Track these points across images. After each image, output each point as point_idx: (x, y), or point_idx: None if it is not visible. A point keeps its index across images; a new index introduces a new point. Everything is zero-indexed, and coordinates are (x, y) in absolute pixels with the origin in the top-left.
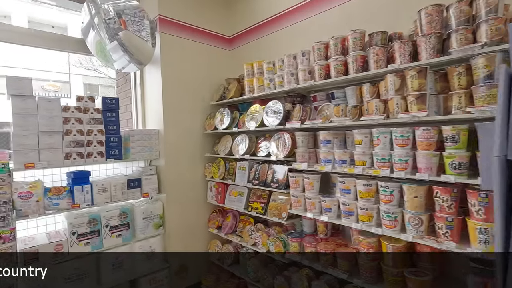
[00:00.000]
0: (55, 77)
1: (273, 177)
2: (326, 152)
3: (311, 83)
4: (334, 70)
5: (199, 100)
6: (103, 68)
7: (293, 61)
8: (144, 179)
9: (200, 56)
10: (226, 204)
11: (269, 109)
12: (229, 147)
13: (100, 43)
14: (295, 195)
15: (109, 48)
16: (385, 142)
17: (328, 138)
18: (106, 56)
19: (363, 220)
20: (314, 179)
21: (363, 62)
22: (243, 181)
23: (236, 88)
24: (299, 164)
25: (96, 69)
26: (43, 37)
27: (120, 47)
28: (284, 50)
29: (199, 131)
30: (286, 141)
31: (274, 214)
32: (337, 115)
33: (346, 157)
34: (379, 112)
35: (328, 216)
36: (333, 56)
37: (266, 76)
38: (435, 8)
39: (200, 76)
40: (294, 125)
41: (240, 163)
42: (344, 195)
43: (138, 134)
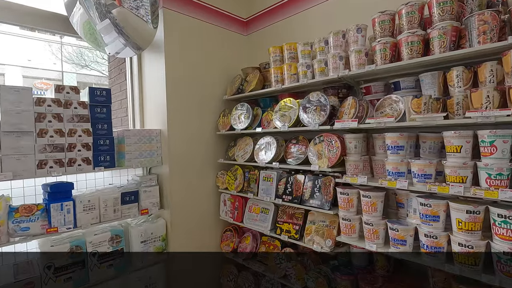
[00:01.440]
0: (48, 75)
1: (313, 193)
2: (397, 161)
3: (371, 68)
4: (408, 50)
5: (210, 94)
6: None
7: (342, 41)
8: (142, 191)
9: (212, 40)
10: (246, 223)
11: (308, 103)
12: (250, 151)
13: (89, 23)
14: (348, 218)
15: (99, 29)
16: (504, 149)
17: (401, 143)
18: (97, 39)
19: (463, 261)
20: (378, 198)
21: (455, 36)
22: (269, 195)
23: (258, 79)
24: (354, 177)
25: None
26: (12, 9)
27: (113, 28)
28: (311, 35)
29: (211, 131)
30: (333, 145)
31: (313, 241)
32: (416, 110)
33: (431, 170)
34: (492, 105)
35: (400, 250)
36: (407, 30)
37: (301, 62)
38: None
39: (211, 65)
40: (348, 125)
41: (264, 172)
42: (428, 223)
43: (136, 135)
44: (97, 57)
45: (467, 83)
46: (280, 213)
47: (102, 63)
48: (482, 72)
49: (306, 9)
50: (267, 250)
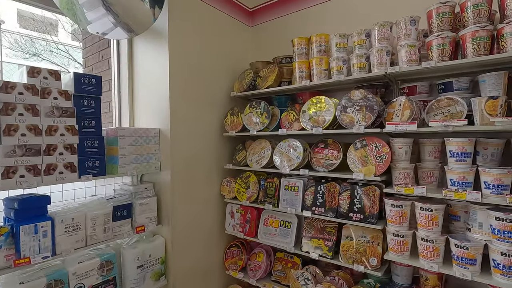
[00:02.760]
0: None
1: (352, 204)
2: (465, 170)
3: (430, 64)
4: (476, 46)
5: (215, 90)
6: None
7: (389, 34)
8: (137, 204)
9: (217, 28)
10: (261, 239)
11: (349, 102)
12: (268, 156)
13: None
14: (400, 234)
15: (82, 2)
16: None
17: (469, 149)
18: (77, 15)
19: None
20: (440, 211)
21: None
22: (294, 207)
23: (276, 75)
24: (408, 187)
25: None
26: None
27: (100, 2)
28: (325, 29)
29: (216, 132)
30: (380, 151)
31: (353, 259)
32: (492, 113)
33: (509, 180)
34: None
35: (471, 271)
36: (472, 23)
37: (336, 56)
38: None
39: (217, 57)
40: (404, 128)
41: (287, 180)
42: (505, 240)
43: (132, 135)
44: (51, 46)
45: None
46: (306, 226)
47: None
48: None
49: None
50: (284, 268)
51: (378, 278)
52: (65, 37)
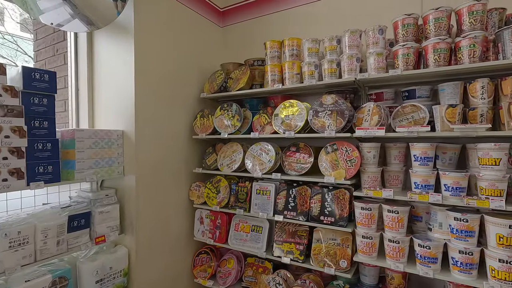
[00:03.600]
0: None
1: (323, 208)
2: (427, 173)
3: (396, 72)
4: (436, 57)
5: (184, 91)
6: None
7: (358, 41)
8: (97, 213)
9: (189, 27)
10: (232, 245)
11: (320, 107)
12: (240, 159)
13: None
14: (369, 236)
15: None
16: None
17: (431, 154)
18: (27, 3)
19: (504, 278)
20: (405, 213)
21: (486, 47)
22: (265, 211)
23: (248, 77)
24: (377, 190)
25: None
26: None
27: None
28: (296, 34)
29: (185, 135)
30: (350, 155)
31: (324, 262)
32: (451, 120)
33: (465, 183)
34: None
35: (433, 269)
36: (434, 36)
37: (308, 61)
38: None
39: (186, 56)
40: (373, 133)
41: (258, 184)
42: (463, 238)
43: (91, 137)
44: None
45: (490, 95)
46: (278, 231)
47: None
48: (507, 85)
49: (288, 8)
50: (255, 273)
51: (347, 279)
52: (13, 27)
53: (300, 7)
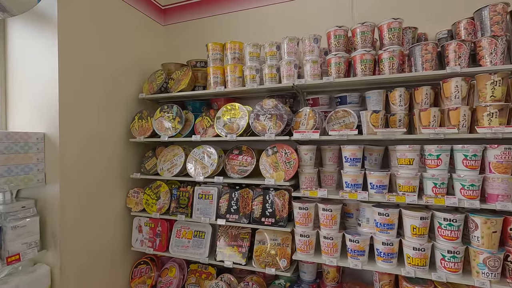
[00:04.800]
0: None
1: (264, 209)
2: (356, 173)
3: (330, 79)
4: (363, 67)
5: (120, 90)
6: None
7: (296, 48)
8: (9, 228)
9: (126, 23)
10: (173, 252)
11: (261, 111)
12: (181, 163)
13: None
14: (306, 235)
15: None
16: (446, 162)
17: (359, 155)
18: None
19: (416, 264)
20: (338, 211)
21: (402, 60)
22: (208, 216)
23: (190, 78)
24: (313, 190)
25: None
26: None
27: None
28: (239, 38)
29: (121, 138)
30: (289, 157)
31: (266, 263)
32: (375, 124)
33: (387, 181)
34: (436, 123)
35: (361, 261)
36: (361, 47)
37: (250, 65)
38: (504, 7)
39: (124, 54)
40: (309, 136)
41: (201, 188)
42: (385, 231)
43: (2, 140)
44: None
45: (406, 102)
46: (221, 235)
47: None
48: (418, 94)
49: (235, 11)
50: (198, 280)
51: (288, 277)
52: None
53: (245, 11)
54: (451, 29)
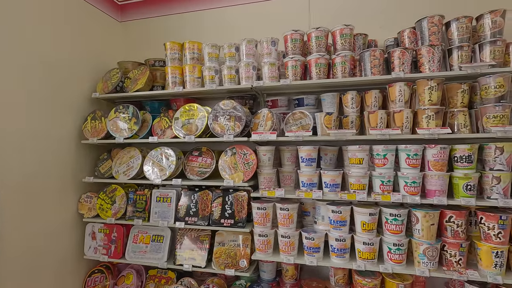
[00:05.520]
0: None
1: (224, 211)
2: (312, 173)
3: (286, 82)
4: (317, 70)
5: (73, 89)
6: None
7: (254, 50)
8: None
9: (77, 17)
10: (129, 258)
11: (220, 112)
12: (138, 166)
13: None
14: (264, 234)
15: None
16: (392, 161)
17: (314, 155)
18: None
19: (366, 257)
20: (294, 210)
21: (353, 65)
22: (166, 219)
23: (147, 78)
24: (271, 190)
25: None
26: None
27: None
28: (199, 38)
29: (72, 139)
30: (248, 158)
31: (225, 265)
32: (328, 126)
33: (340, 180)
34: (383, 125)
35: (316, 258)
36: (316, 52)
37: (209, 65)
38: (440, 19)
39: (76, 50)
40: (267, 137)
41: (159, 191)
42: (338, 228)
43: None
44: None
45: (358, 105)
46: (180, 238)
47: None
48: (368, 98)
49: (197, 10)
50: (157, 286)
51: (249, 277)
52: None
53: (206, 11)
54: (397, 37)
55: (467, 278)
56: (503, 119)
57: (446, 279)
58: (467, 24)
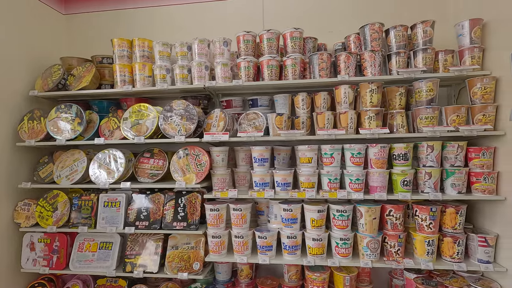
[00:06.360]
0: None
1: (176, 213)
2: (264, 173)
3: (239, 82)
4: (269, 72)
5: (5, 85)
6: None
7: (207, 50)
8: None
9: (12, 6)
10: (74, 269)
11: (170, 112)
12: (82, 169)
13: None
14: (218, 235)
15: None
16: (338, 160)
17: (266, 156)
18: None
19: (315, 253)
20: (247, 210)
21: (303, 67)
22: (115, 224)
23: (93, 75)
24: (223, 191)
25: None
26: None
27: None
28: (151, 35)
29: (6, 141)
30: (200, 159)
31: (178, 268)
32: (279, 126)
33: (291, 179)
34: (330, 125)
35: (269, 256)
36: (267, 53)
37: (160, 64)
38: (380, 26)
39: (11, 43)
40: (219, 138)
41: (106, 195)
42: (290, 226)
43: None
44: None
45: (308, 106)
46: (130, 244)
47: None
48: (318, 99)
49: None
50: None
51: (205, 279)
52: None
53: (159, 7)
54: (344, 42)
55: (403, 267)
56: (433, 120)
57: (390, 268)
58: (403, 32)
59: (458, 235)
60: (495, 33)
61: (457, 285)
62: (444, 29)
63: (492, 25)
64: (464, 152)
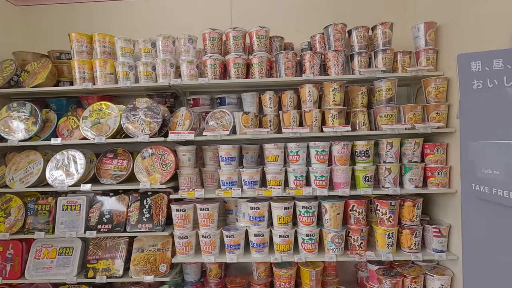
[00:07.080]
0: None
1: (141, 215)
2: (231, 172)
3: (205, 81)
4: (235, 70)
5: None
6: None
7: (172, 47)
8: None
9: None
10: (30, 277)
11: (133, 111)
12: (39, 171)
13: None
14: (184, 236)
15: None
16: (303, 157)
17: (233, 154)
18: None
19: (282, 250)
20: (215, 209)
21: (270, 66)
22: (75, 229)
23: (50, 72)
24: (190, 191)
25: None
26: None
27: None
28: (110, 30)
29: None
30: (166, 159)
31: (144, 271)
32: (246, 125)
33: (258, 177)
34: (296, 124)
35: (237, 255)
36: (234, 51)
37: (122, 61)
38: (343, 27)
39: None
40: (184, 137)
41: (65, 198)
42: (257, 224)
43: None
44: None
45: (275, 104)
46: (93, 248)
47: None
48: (285, 98)
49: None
50: None
51: (173, 281)
52: None
53: (123, 1)
54: (310, 41)
55: (366, 259)
56: (391, 118)
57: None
58: (364, 33)
59: (415, 227)
60: (446, 36)
61: (414, 274)
62: (403, 30)
63: (444, 28)
64: (420, 149)
